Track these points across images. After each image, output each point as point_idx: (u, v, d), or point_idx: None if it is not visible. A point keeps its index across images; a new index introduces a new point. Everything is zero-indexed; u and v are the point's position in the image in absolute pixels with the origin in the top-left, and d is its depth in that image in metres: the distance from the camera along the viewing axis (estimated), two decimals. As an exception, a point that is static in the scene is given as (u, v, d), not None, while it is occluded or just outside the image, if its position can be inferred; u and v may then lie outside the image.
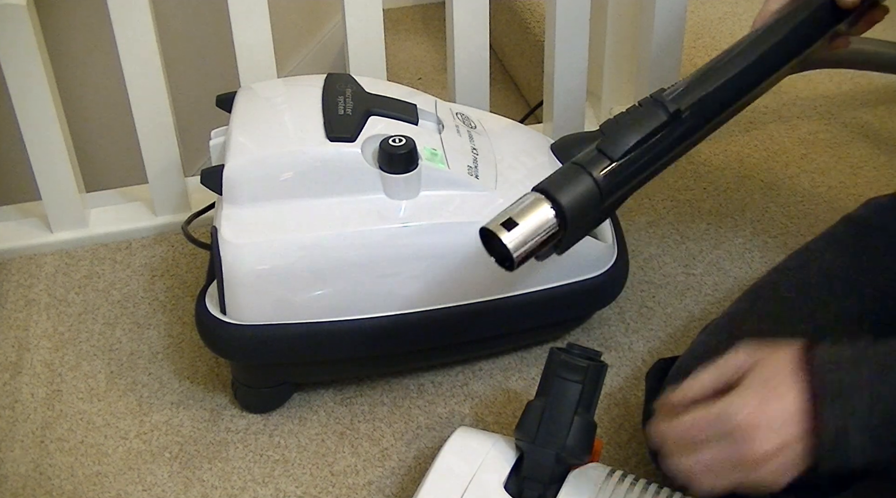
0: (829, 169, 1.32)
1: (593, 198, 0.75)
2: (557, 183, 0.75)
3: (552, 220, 0.74)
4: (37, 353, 1.10)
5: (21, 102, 1.14)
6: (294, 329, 0.94)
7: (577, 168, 0.75)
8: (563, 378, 0.84)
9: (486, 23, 1.22)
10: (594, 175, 0.75)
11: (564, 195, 0.74)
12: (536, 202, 0.74)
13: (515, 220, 0.73)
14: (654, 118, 0.77)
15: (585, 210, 0.75)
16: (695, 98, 0.79)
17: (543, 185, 0.75)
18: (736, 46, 0.82)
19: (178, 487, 0.95)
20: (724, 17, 1.68)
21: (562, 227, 0.74)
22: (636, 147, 0.76)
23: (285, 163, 0.93)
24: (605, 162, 0.76)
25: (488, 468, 0.83)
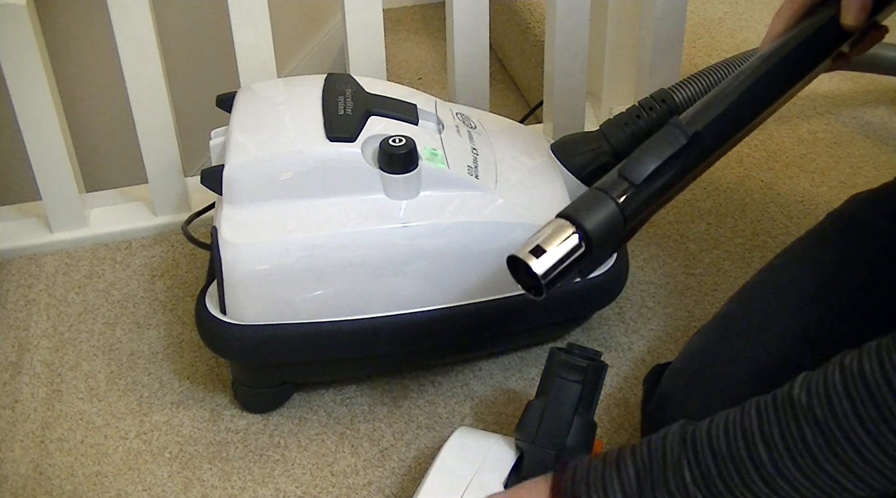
0: (829, 169, 1.32)
1: (617, 222, 0.77)
2: (581, 208, 0.76)
3: (578, 244, 0.75)
4: (37, 353, 1.10)
5: (21, 102, 1.14)
6: (294, 329, 0.94)
7: (600, 193, 0.77)
8: (563, 378, 0.84)
9: (486, 23, 1.22)
10: (617, 200, 0.77)
11: (589, 220, 0.75)
12: (562, 228, 0.76)
13: (543, 247, 0.75)
14: (674, 142, 0.79)
15: (609, 234, 0.76)
16: (710, 119, 0.80)
17: (568, 211, 0.77)
18: (746, 68, 0.84)
19: (178, 487, 0.95)
20: (724, 17, 1.68)
21: (588, 252, 0.76)
22: (657, 171, 0.78)
23: (285, 163, 0.93)
24: (628, 186, 0.77)
25: (488, 468, 0.83)
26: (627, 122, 1.07)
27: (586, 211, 0.76)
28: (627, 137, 1.07)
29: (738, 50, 1.18)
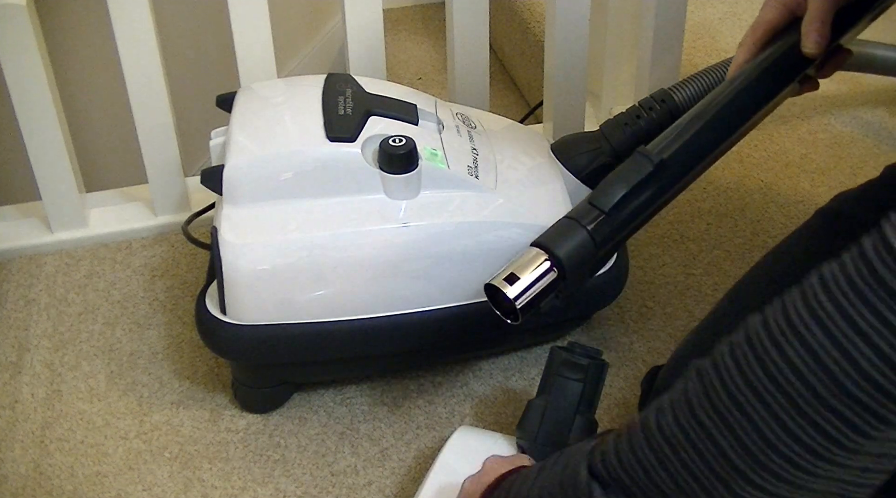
0: (829, 169, 1.32)
1: (588, 248, 0.81)
2: (553, 237, 0.82)
3: (551, 271, 0.80)
4: (37, 353, 1.10)
5: (21, 102, 1.14)
6: (294, 329, 0.94)
7: (571, 222, 0.82)
8: (564, 377, 0.84)
9: (486, 23, 1.22)
10: (587, 227, 0.81)
11: (561, 248, 0.81)
12: (536, 256, 0.81)
13: (517, 275, 0.80)
14: (641, 170, 0.83)
15: (582, 260, 0.81)
16: (676, 147, 0.84)
17: (541, 240, 0.82)
18: (712, 95, 0.88)
19: (178, 487, 0.95)
20: (724, 17, 1.68)
21: (561, 277, 0.81)
22: (625, 199, 0.82)
23: (285, 163, 0.93)
24: (597, 214, 0.82)
25: None
26: (627, 123, 1.07)
27: (558, 239, 0.81)
28: (627, 137, 1.07)
29: (738, 50, 1.18)
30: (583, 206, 0.83)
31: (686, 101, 1.09)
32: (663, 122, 1.08)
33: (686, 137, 0.85)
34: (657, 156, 0.83)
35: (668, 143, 0.85)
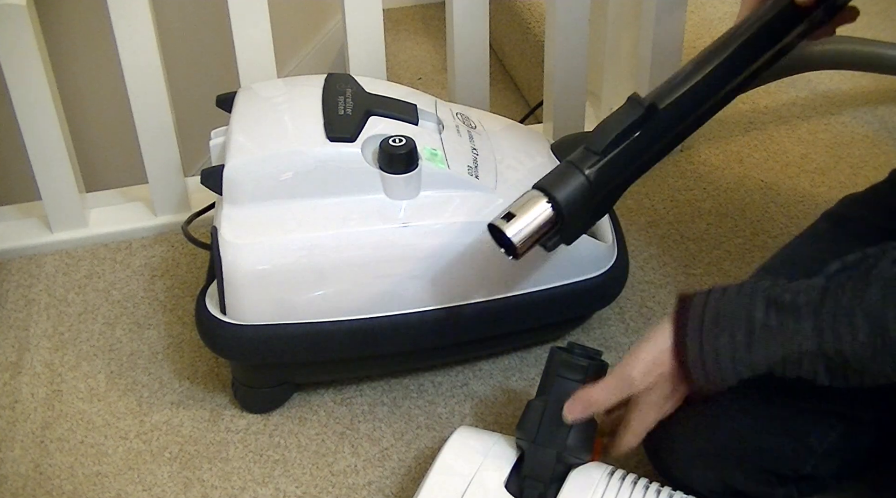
0: (829, 169, 1.32)
1: (584, 190, 0.85)
2: (550, 179, 0.86)
3: (548, 210, 0.84)
4: (37, 353, 1.10)
5: (21, 102, 1.14)
6: (294, 329, 0.94)
7: (567, 165, 0.86)
8: (563, 377, 0.84)
9: (486, 23, 1.22)
10: (583, 169, 0.85)
11: (557, 189, 0.84)
12: (534, 197, 0.85)
13: (514, 213, 0.84)
14: (632, 114, 0.86)
15: (578, 201, 0.85)
16: (670, 94, 0.87)
17: (539, 183, 0.85)
18: (709, 49, 0.89)
19: (178, 487, 0.95)
20: (724, 17, 1.68)
21: (559, 217, 0.84)
22: (617, 141, 0.86)
23: (285, 163, 0.93)
24: (593, 157, 0.86)
25: (489, 468, 0.83)
26: (627, 122, 1.07)
27: (555, 180, 0.85)
28: (627, 137, 1.07)
29: (738, 50, 1.18)
30: (579, 151, 0.87)
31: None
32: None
33: (679, 87, 0.87)
34: (647, 100, 0.86)
35: (661, 92, 0.87)
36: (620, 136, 0.86)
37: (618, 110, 0.88)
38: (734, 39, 0.88)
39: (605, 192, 0.86)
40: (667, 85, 0.88)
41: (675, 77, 0.88)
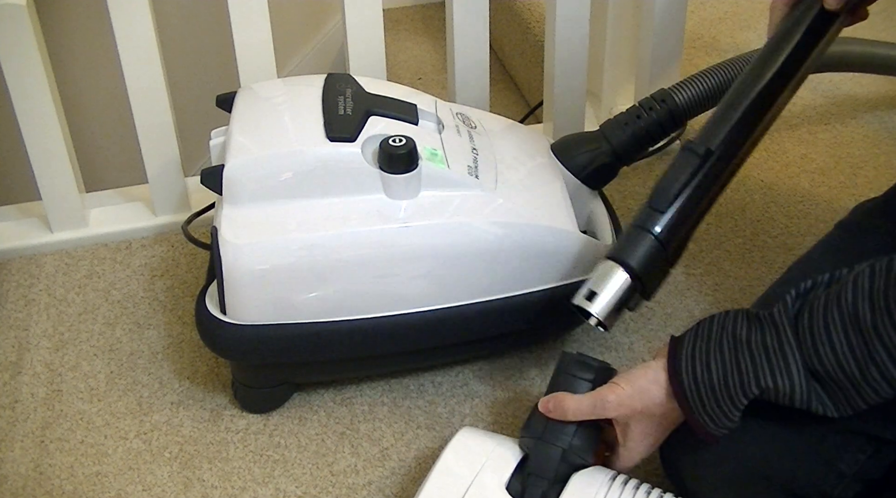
0: (829, 169, 1.32)
1: (657, 251, 0.85)
2: (623, 247, 0.86)
3: (626, 280, 0.85)
4: (37, 353, 1.10)
5: (21, 102, 1.14)
6: (294, 329, 0.94)
7: (636, 229, 0.86)
8: (573, 376, 0.85)
9: (486, 23, 1.22)
10: (652, 230, 0.85)
11: (632, 257, 0.85)
12: (610, 270, 0.85)
13: (595, 291, 0.85)
14: (690, 163, 0.86)
15: (653, 263, 0.85)
16: (720, 132, 0.87)
17: (612, 252, 0.86)
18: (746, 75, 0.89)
19: (178, 487, 0.95)
20: (724, 17, 1.68)
21: (637, 284, 0.85)
22: (680, 194, 0.85)
23: (285, 163, 0.93)
24: (659, 216, 0.85)
25: (490, 469, 0.83)
26: (627, 122, 1.07)
27: (628, 248, 0.85)
28: (627, 137, 1.07)
29: (739, 50, 1.18)
30: (644, 211, 0.87)
31: (686, 101, 1.09)
32: (663, 122, 1.08)
33: (728, 122, 0.87)
34: (702, 146, 0.86)
35: (712, 131, 0.87)
36: (683, 189, 0.86)
37: (675, 162, 0.87)
38: (771, 60, 0.88)
39: (676, 244, 0.87)
40: (715, 123, 0.88)
41: (721, 112, 0.88)
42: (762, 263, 1.17)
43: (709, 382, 0.76)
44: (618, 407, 0.81)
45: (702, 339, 0.79)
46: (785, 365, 0.73)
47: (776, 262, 1.18)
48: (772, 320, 0.75)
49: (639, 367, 0.82)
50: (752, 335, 0.75)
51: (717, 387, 0.76)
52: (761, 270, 1.16)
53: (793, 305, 0.75)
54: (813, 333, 0.72)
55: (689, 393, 0.77)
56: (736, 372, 0.75)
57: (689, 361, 0.78)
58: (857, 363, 0.70)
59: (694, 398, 0.77)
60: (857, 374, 0.71)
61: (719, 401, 0.76)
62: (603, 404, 0.81)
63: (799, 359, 0.73)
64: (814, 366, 0.72)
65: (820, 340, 0.72)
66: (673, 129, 1.11)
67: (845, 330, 0.71)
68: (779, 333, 0.74)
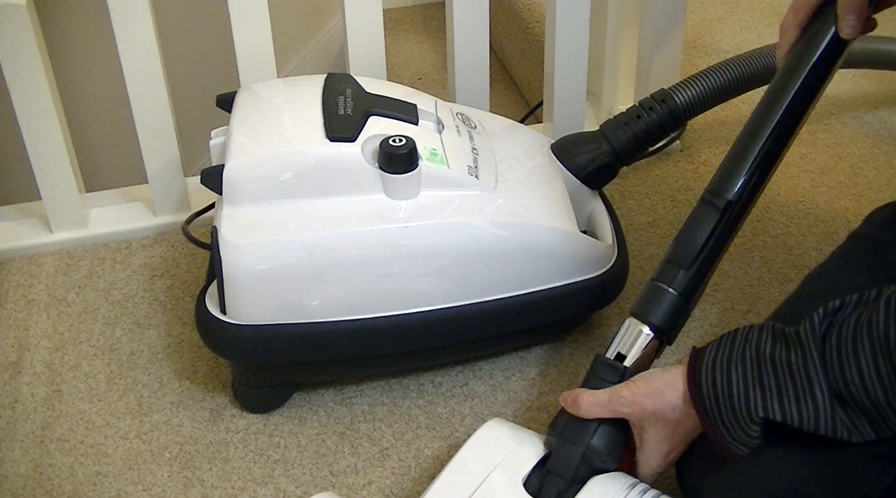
0: (829, 169, 1.32)
1: (680, 307, 0.86)
2: (647, 306, 0.86)
3: (652, 338, 0.85)
4: (37, 353, 1.09)
5: (21, 102, 1.14)
6: (294, 329, 0.94)
7: (657, 286, 0.86)
8: (600, 377, 0.84)
9: (486, 23, 1.22)
10: (674, 287, 0.85)
11: (656, 316, 0.85)
12: (635, 330, 0.85)
13: (623, 353, 0.85)
14: (711, 217, 0.86)
15: (676, 318, 0.86)
16: (737, 179, 0.86)
17: (637, 311, 0.86)
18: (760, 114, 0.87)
19: (178, 487, 0.95)
20: (724, 17, 1.68)
21: (664, 339, 0.86)
22: (703, 250, 0.85)
23: (285, 163, 0.93)
24: (680, 272, 0.85)
25: (510, 463, 0.83)
26: (627, 122, 1.08)
27: (651, 307, 0.85)
28: (627, 137, 1.07)
29: (739, 50, 1.18)
30: (666, 267, 0.86)
31: (686, 101, 1.09)
32: (663, 122, 1.08)
33: (745, 166, 0.86)
34: (722, 199, 0.86)
35: (728, 178, 0.86)
36: (705, 245, 0.85)
37: (695, 215, 0.87)
38: (782, 95, 0.86)
39: (697, 295, 0.87)
40: (731, 168, 0.87)
41: (737, 156, 0.87)
42: (762, 263, 1.17)
43: (728, 393, 0.76)
44: (631, 404, 0.81)
45: (724, 350, 0.78)
46: (809, 386, 0.72)
47: (776, 262, 1.18)
48: (797, 339, 0.74)
49: (658, 369, 0.82)
50: (776, 352, 0.74)
51: (735, 399, 0.75)
52: (761, 270, 1.16)
53: (820, 326, 0.73)
54: (840, 357, 0.71)
55: (708, 401, 0.77)
56: (758, 387, 0.75)
57: (709, 370, 0.78)
58: (883, 390, 0.69)
59: (712, 407, 0.77)
60: (882, 400, 0.70)
61: (737, 413, 0.75)
62: (617, 399, 0.81)
63: (824, 382, 0.72)
64: (839, 390, 0.71)
65: (847, 365, 0.71)
66: (673, 129, 1.11)
67: (874, 356, 0.69)
68: (804, 353, 0.73)
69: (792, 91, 0.86)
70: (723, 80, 1.11)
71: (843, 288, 0.87)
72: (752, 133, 0.87)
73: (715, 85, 1.10)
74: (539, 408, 1.01)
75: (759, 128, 0.86)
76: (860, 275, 0.89)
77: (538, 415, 1.00)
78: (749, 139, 0.87)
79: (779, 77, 0.88)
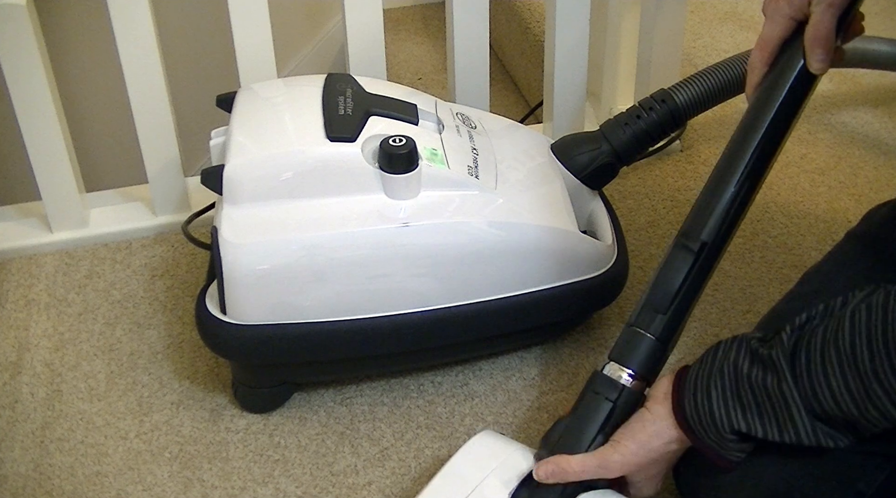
0: (829, 169, 1.32)
1: (659, 351, 0.85)
2: (625, 352, 0.84)
3: (632, 381, 0.83)
4: (37, 353, 1.09)
5: (21, 102, 1.14)
6: (294, 329, 0.94)
7: (636, 332, 0.85)
8: (595, 393, 0.83)
9: (486, 23, 1.22)
10: (652, 332, 0.84)
11: (634, 361, 0.84)
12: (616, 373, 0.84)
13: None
14: (686, 261, 0.84)
15: (656, 362, 0.85)
16: (710, 220, 0.85)
17: (615, 357, 0.85)
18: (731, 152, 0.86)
19: (178, 487, 0.95)
20: (725, 17, 1.68)
21: (645, 383, 0.84)
22: (679, 293, 0.84)
23: (285, 163, 0.93)
24: (657, 316, 0.84)
25: (497, 477, 0.82)
26: (627, 122, 1.08)
27: (629, 353, 0.84)
28: (627, 137, 1.07)
29: (738, 50, 1.18)
30: (642, 312, 0.85)
31: (686, 101, 1.09)
32: (663, 122, 1.08)
33: (715, 208, 0.85)
34: (696, 242, 0.84)
35: (701, 219, 0.85)
36: (681, 288, 0.84)
37: (670, 260, 0.85)
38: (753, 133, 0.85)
39: (675, 337, 0.86)
40: (704, 209, 0.85)
41: (710, 196, 0.86)
42: (762, 263, 1.17)
43: (709, 411, 0.77)
44: (622, 466, 0.81)
45: (705, 366, 0.79)
46: (786, 407, 0.73)
47: (776, 262, 1.18)
48: (771, 362, 0.74)
49: (635, 419, 0.82)
50: (753, 372, 0.75)
51: (717, 416, 0.76)
52: (761, 270, 1.16)
53: (788, 342, 0.74)
54: (811, 375, 0.72)
55: (693, 422, 0.78)
56: (738, 404, 0.75)
57: (691, 391, 0.78)
58: (854, 404, 0.70)
59: (697, 427, 0.78)
60: (855, 413, 0.70)
61: (720, 431, 0.76)
62: (607, 466, 0.81)
63: (800, 402, 0.72)
64: (813, 408, 0.72)
65: (817, 382, 0.71)
66: (673, 129, 1.11)
67: (843, 372, 0.70)
68: (778, 374, 0.73)
69: (762, 129, 0.85)
70: (723, 79, 1.11)
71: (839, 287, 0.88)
72: (724, 172, 0.86)
73: (715, 85, 1.10)
74: (539, 408, 1.01)
75: (731, 166, 0.85)
76: (856, 274, 0.89)
77: (538, 415, 1.00)
78: (721, 178, 0.86)
79: (748, 115, 0.87)
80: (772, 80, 0.86)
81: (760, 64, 0.87)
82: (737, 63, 1.13)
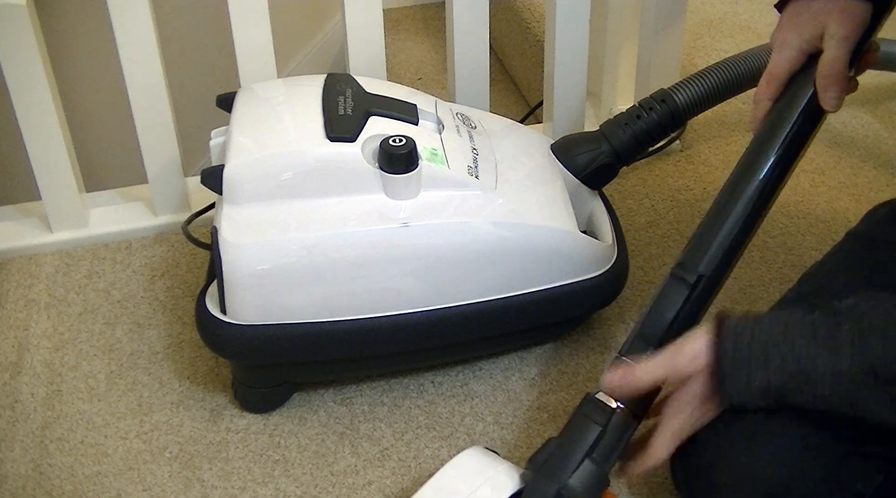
0: (829, 169, 1.32)
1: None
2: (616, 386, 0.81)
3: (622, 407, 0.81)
4: (37, 353, 1.10)
5: (21, 102, 1.14)
6: (294, 329, 0.94)
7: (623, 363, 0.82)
8: (584, 415, 0.82)
9: (486, 23, 1.22)
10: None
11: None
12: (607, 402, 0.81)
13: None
14: (681, 292, 0.83)
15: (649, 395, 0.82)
16: (707, 251, 0.84)
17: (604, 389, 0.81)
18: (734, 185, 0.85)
19: (178, 487, 0.95)
20: (724, 17, 1.68)
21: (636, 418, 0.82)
22: (671, 326, 0.82)
23: (285, 163, 0.93)
24: (649, 350, 0.82)
25: (484, 493, 0.81)
26: (627, 122, 1.08)
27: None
28: (627, 137, 1.07)
29: (738, 50, 1.18)
30: (634, 343, 0.83)
31: (686, 101, 1.09)
32: (663, 122, 1.08)
33: (714, 240, 0.84)
34: (693, 274, 0.83)
35: (699, 253, 0.84)
36: (675, 319, 0.83)
37: (665, 292, 0.84)
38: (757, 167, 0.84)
39: None
40: (701, 243, 0.84)
41: (709, 227, 0.85)
42: (762, 263, 1.17)
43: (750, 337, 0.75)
44: (690, 362, 0.78)
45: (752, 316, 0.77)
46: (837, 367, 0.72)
47: (776, 262, 1.18)
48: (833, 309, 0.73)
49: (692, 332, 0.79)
50: (807, 317, 0.74)
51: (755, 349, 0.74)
52: (761, 270, 1.16)
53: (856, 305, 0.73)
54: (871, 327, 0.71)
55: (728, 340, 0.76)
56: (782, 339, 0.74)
57: (737, 321, 0.76)
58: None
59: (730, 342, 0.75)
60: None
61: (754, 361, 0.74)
62: (676, 361, 0.78)
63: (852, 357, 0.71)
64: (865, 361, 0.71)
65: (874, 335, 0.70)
66: (673, 129, 1.11)
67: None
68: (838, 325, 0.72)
69: (766, 165, 0.84)
70: (723, 79, 1.11)
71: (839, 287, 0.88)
72: (726, 204, 0.85)
73: (715, 84, 1.10)
74: (539, 408, 1.01)
75: (733, 199, 0.85)
76: (856, 274, 0.89)
77: (538, 414, 1.00)
78: (722, 210, 0.85)
79: (753, 148, 0.85)
80: (778, 112, 0.84)
81: (767, 99, 0.86)
82: (737, 63, 1.13)
